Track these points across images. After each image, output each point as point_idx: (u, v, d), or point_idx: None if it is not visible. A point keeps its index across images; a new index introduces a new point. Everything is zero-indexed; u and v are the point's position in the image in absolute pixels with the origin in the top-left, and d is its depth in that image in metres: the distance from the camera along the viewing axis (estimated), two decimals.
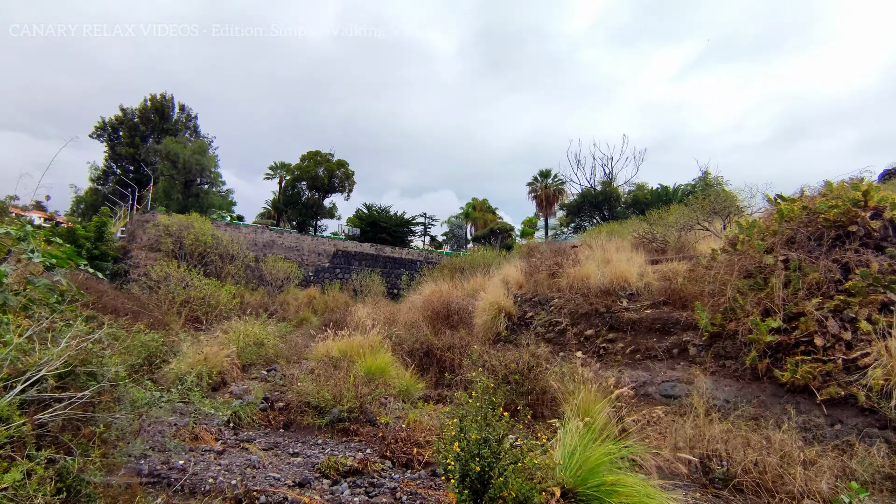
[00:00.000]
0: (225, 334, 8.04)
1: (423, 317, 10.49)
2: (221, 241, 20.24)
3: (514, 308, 9.29)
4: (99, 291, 11.49)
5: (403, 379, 6.75)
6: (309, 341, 11.98)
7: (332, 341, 8.25)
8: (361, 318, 12.85)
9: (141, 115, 43.47)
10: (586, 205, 41.00)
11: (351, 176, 44.73)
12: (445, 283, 13.96)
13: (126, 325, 11.47)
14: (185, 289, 14.48)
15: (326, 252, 24.67)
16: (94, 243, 18.13)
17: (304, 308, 20.41)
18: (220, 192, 43.11)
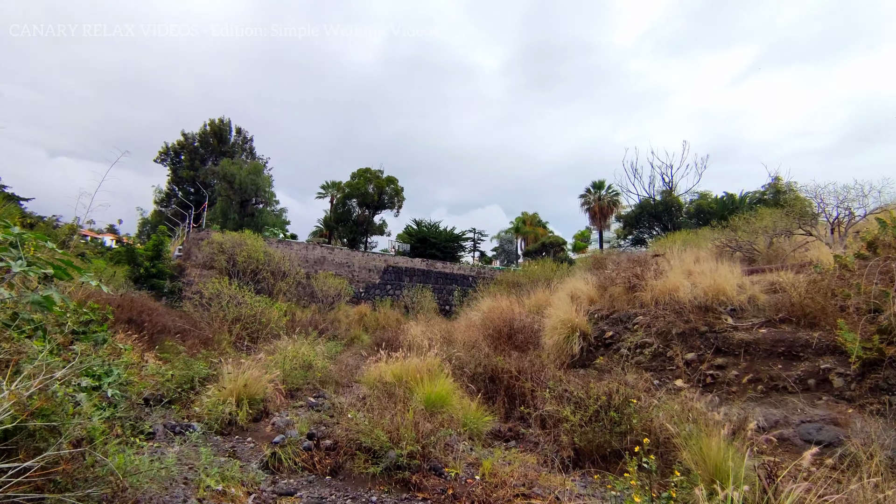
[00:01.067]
0: (270, 356, 7.35)
1: (483, 336, 9.49)
2: (273, 257, 20.09)
3: (589, 327, 8.12)
4: (149, 309, 11.27)
5: (468, 410, 5.76)
6: (360, 362, 11.22)
7: (385, 364, 7.39)
8: (415, 337, 12.00)
9: (201, 140, 45.34)
10: (645, 215, 38.87)
11: (400, 192, 44.57)
12: (504, 298, 12.91)
13: (172, 344, 11.15)
14: (236, 306, 14.17)
15: (377, 268, 24.18)
16: (152, 262, 18.34)
17: (355, 326, 19.85)
18: (275, 212, 44.04)
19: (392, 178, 44.35)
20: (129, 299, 11.08)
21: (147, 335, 10.45)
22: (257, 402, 5.86)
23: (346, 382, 8.29)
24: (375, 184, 42.89)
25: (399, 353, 7.56)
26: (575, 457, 4.62)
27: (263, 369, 6.42)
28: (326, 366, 8.25)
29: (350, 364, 10.29)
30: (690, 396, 5.10)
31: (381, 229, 45.81)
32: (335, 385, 7.67)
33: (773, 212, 13.08)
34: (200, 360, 6.93)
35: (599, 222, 53.80)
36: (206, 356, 7.53)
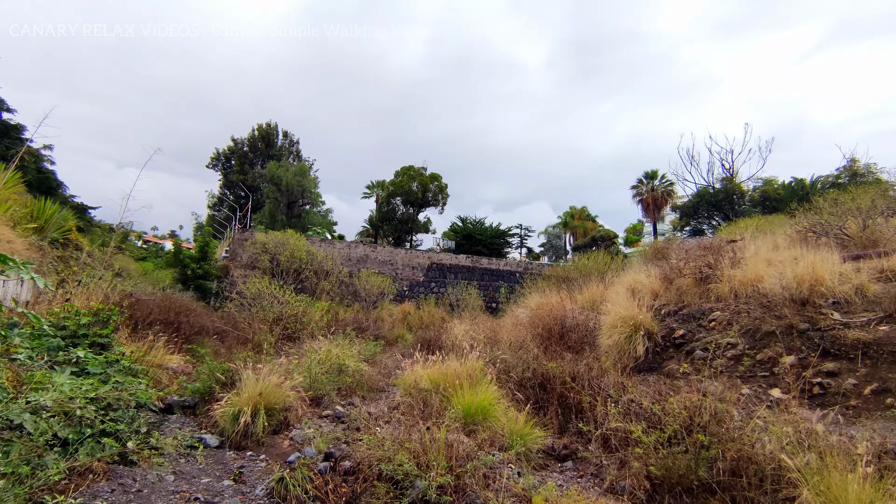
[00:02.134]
0: (296, 360, 6.75)
1: (531, 336, 8.56)
2: (316, 257, 19.86)
3: (654, 324, 7.05)
4: (187, 310, 11.05)
5: (515, 424, 4.90)
6: (399, 364, 10.55)
7: (421, 367, 6.63)
8: (458, 337, 11.20)
9: (250, 144, 46.45)
10: (703, 205, 36.43)
11: (444, 189, 43.94)
12: (553, 294, 11.89)
13: (211, 345, 10.87)
14: (278, 306, 13.87)
15: (421, 265, 23.59)
16: (198, 263, 18.49)
17: (398, 325, 19.32)
18: (321, 213, 44.48)
19: (436, 174, 43.79)
20: (168, 300, 10.89)
21: (183, 336, 10.20)
22: (277, 412, 5.23)
23: (381, 386, 7.60)
24: (419, 181, 42.46)
25: (437, 356, 6.78)
26: (650, 489, 3.67)
27: (286, 374, 5.80)
28: (360, 369, 7.58)
29: (388, 366, 9.62)
30: (797, 412, 4.01)
31: (425, 227, 45.36)
32: (367, 390, 6.98)
33: (871, 188, 11.35)
34: (223, 363, 6.41)
35: (653, 214, 51.44)
36: (233, 359, 7.04)
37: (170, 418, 5.72)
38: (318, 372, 6.42)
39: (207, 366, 6.41)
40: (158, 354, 8.19)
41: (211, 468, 4.19)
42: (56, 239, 13.40)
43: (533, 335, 8.50)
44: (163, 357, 8.19)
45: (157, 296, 11.11)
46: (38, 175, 29.10)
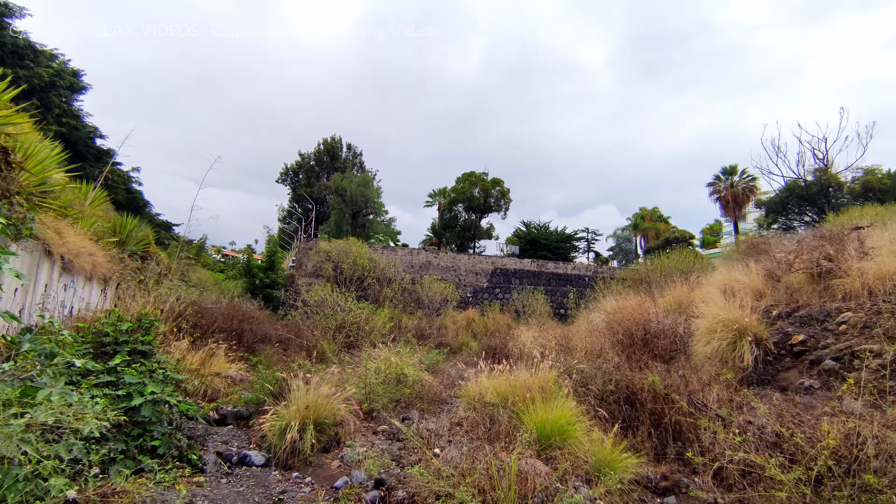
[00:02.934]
0: (350, 370, 6.26)
1: (609, 342, 7.61)
2: (378, 264, 19.71)
3: (762, 328, 5.92)
4: (251, 318, 11.03)
5: (600, 448, 4.08)
6: (463, 373, 9.89)
7: (486, 378, 5.92)
8: (526, 344, 10.39)
9: (315, 158, 47.96)
10: (793, 199, 33.10)
11: (507, 194, 43.08)
12: (631, 297, 10.79)
13: (273, 353, 10.75)
14: (340, 313, 13.70)
15: (484, 271, 22.87)
16: (265, 273, 18.86)
17: (462, 332, 18.69)
18: (384, 222, 45.01)
19: (497, 179, 43.04)
20: (232, 308, 10.92)
21: (245, 345, 10.14)
22: (328, 427, 4.72)
23: (443, 398, 6.96)
24: (481, 187, 41.89)
25: (503, 365, 6.05)
26: None
27: (339, 385, 5.30)
28: (421, 378, 6.99)
29: (451, 375, 8.99)
30: None
31: (488, 233, 44.64)
32: (428, 403, 6.36)
33: None
34: (275, 372, 6.03)
35: (734, 212, 47.84)
36: (286, 367, 6.68)
37: (220, 431, 5.39)
38: (374, 382, 5.88)
39: (260, 375, 6.08)
40: (217, 363, 8.07)
41: (251, 492, 3.71)
42: (135, 252, 13.95)
43: (611, 342, 7.54)
44: (221, 365, 8.06)
45: (222, 304, 11.19)
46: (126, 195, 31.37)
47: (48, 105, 27.21)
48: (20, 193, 7.67)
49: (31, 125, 12.81)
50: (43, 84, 26.23)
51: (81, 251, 10.18)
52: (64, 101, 29.15)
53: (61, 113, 27.92)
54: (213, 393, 7.24)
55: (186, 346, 8.11)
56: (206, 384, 7.26)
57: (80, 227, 11.30)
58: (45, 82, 26.29)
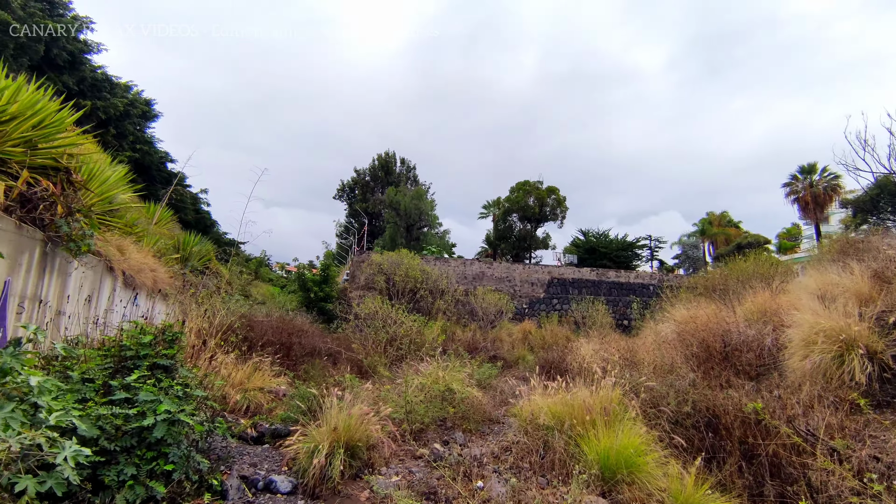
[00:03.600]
0: (388, 386, 5.80)
1: (682, 356, 6.70)
2: (430, 275, 19.36)
3: (875, 339, 4.90)
4: (300, 331, 10.90)
5: (678, 485, 3.34)
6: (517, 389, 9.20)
7: (540, 396, 5.27)
8: (585, 358, 9.56)
9: (371, 173, 48.81)
10: (884, 196, 29.83)
11: (563, 202, 41.84)
12: (704, 305, 9.71)
13: (322, 367, 10.54)
14: (392, 326, 13.40)
15: (540, 281, 21.95)
16: (320, 286, 18.98)
17: (518, 345, 17.89)
18: (438, 234, 44.91)
19: (553, 188, 41.90)
20: (282, 321, 10.84)
21: (293, 358, 9.98)
22: (361, 450, 4.25)
23: (493, 416, 6.34)
24: (535, 195, 40.93)
25: (559, 381, 5.37)
26: None
27: (376, 403, 4.84)
28: (469, 395, 6.41)
29: (503, 391, 8.33)
30: None
31: (544, 243, 43.44)
32: (475, 423, 5.77)
33: None
34: (310, 387, 5.67)
35: (814, 214, 44.06)
36: (322, 382, 6.32)
37: (253, 451, 5.06)
38: (415, 400, 5.37)
39: (297, 391, 5.75)
40: (262, 377, 7.89)
41: None
42: (196, 267, 14.32)
43: (684, 356, 6.64)
44: (266, 379, 7.87)
45: (273, 317, 11.14)
46: (195, 215, 33.08)
47: (123, 133, 29.19)
48: (80, 211, 7.88)
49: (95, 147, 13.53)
50: (118, 113, 28.18)
51: (143, 267, 10.43)
52: (137, 129, 31.23)
53: (135, 140, 29.88)
54: (255, 408, 7.02)
55: (232, 360, 8.00)
56: (248, 399, 7.06)
57: (144, 244, 11.67)
58: (119, 112, 28.24)
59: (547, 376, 10.27)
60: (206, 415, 4.23)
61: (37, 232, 6.71)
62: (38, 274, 6.85)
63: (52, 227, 7.22)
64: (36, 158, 7.53)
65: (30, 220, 6.83)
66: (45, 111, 7.55)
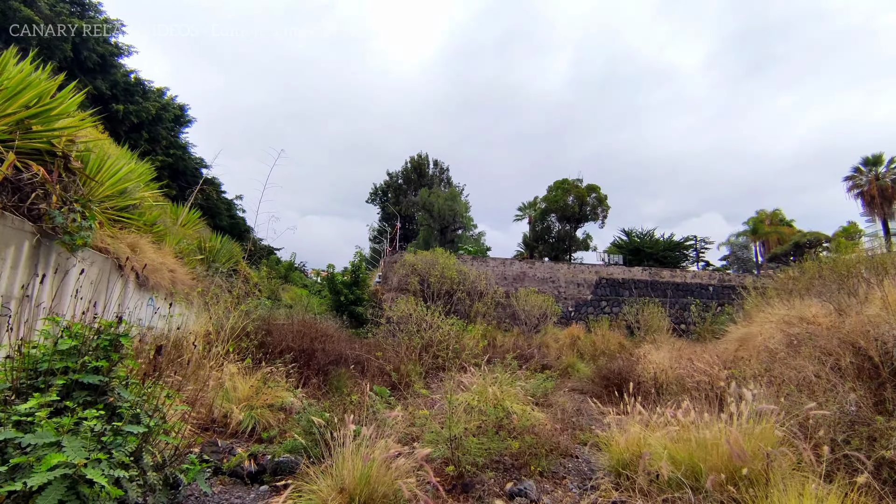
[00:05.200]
0: (424, 411, 4.33)
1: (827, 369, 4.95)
2: (468, 276, 17.86)
3: None
4: (324, 336, 9.58)
5: None
6: (583, 407, 7.55)
7: (637, 426, 3.69)
8: (660, 368, 7.86)
9: (403, 176, 47.81)
10: None
11: (604, 200, 39.62)
12: (814, 304, 7.87)
13: (350, 377, 9.18)
14: (427, 330, 11.98)
15: (587, 282, 20.10)
16: (350, 289, 17.77)
17: (566, 351, 16.15)
18: (473, 236, 43.42)
19: (593, 186, 39.74)
20: (305, 325, 9.55)
21: (316, 367, 8.65)
22: None
23: (566, 448, 4.77)
24: (575, 194, 38.88)
25: (670, 409, 3.76)
26: None
27: (407, 435, 3.37)
28: (532, 419, 4.88)
29: (567, 410, 6.73)
30: None
31: (585, 244, 41.25)
32: (548, 457, 4.20)
33: None
34: (326, 406, 4.25)
35: (881, 208, 40.74)
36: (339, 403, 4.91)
37: (243, 500, 3.67)
38: (461, 432, 3.86)
39: (301, 416, 4.37)
40: (274, 390, 6.57)
41: None
42: (222, 270, 13.28)
43: (829, 368, 4.89)
44: (279, 393, 6.54)
45: (294, 321, 9.88)
46: (230, 220, 32.65)
47: (156, 137, 28.91)
48: (79, 202, 6.78)
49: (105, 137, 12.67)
50: (150, 117, 27.89)
51: (160, 267, 9.37)
52: (171, 134, 31.04)
53: (168, 144, 29.62)
54: (263, 428, 5.70)
55: (242, 370, 6.71)
56: (255, 418, 5.74)
57: (167, 244, 10.70)
58: (152, 115, 27.94)
59: (613, 391, 8.60)
60: (159, 458, 2.85)
61: (25, 223, 5.60)
62: (27, 271, 5.73)
63: (46, 218, 6.13)
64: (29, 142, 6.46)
65: (18, 210, 5.74)
66: (36, 88, 6.48)
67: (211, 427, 5.51)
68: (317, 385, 8.50)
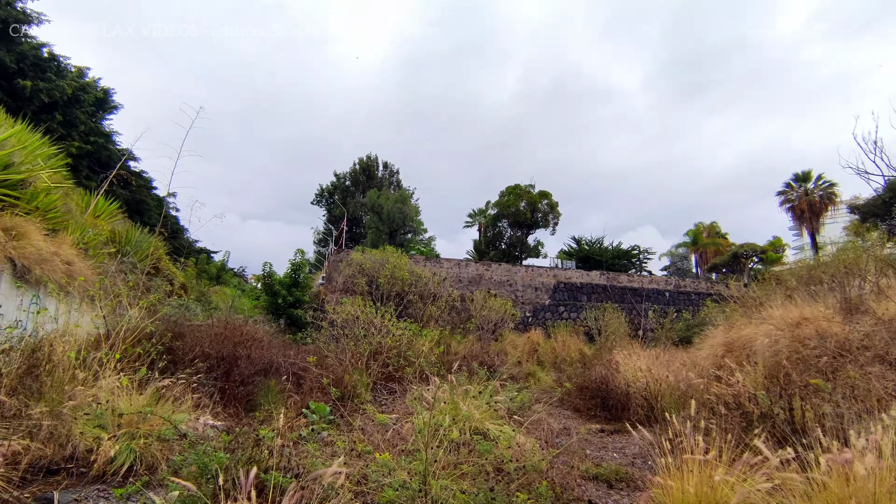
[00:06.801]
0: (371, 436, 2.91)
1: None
2: (421, 277, 16.48)
3: None
4: (250, 341, 7.90)
5: None
6: (570, 426, 6.33)
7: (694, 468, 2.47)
8: (638, 377, 6.82)
9: (351, 178, 45.82)
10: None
11: (556, 207, 39.48)
12: (805, 305, 7.10)
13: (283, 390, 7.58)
14: (377, 335, 10.43)
15: (545, 286, 19.23)
16: (289, 290, 15.92)
17: (526, 358, 15.10)
18: (423, 240, 42.08)
19: (545, 192, 39.52)
20: (226, 328, 7.84)
21: (238, 378, 6.97)
22: None
23: (579, 494, 3.48)
24: (527, 200, 38.45)
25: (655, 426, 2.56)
26: None
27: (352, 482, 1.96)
28: (536, 458, 3.57)
29: (552, 429, 5.47)
30: None
31: (536, 250, 40.87)
32: None
33: None
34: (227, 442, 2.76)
35: (809, 222, 43.14)
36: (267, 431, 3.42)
37: None
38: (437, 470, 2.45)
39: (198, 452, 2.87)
40: (171, 408, 4.92)
41: None
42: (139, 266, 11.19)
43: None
44: (178, 413, 4.89)
45: (214, 323, 8.16)
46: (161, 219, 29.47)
47: (72, 121, 25.62)
48: None
49: None
50: (66, 98, 24.68)
51: (50, 258, 7.40)
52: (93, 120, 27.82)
53: (88, 131, 26.47)
54: (148, 465, 4.07)
55: (129, 384, 4.98)
56: (136, 451, 4.10)
57: (68, 233, 8.79)
58: (67, 96, 24.74)
59: (594, 404, 7.48)
60: None
61: None
62: None
63: None
64: None
65: None
66: None
67: (64, 468, 3.81)
68: (242, 400, 6.85)
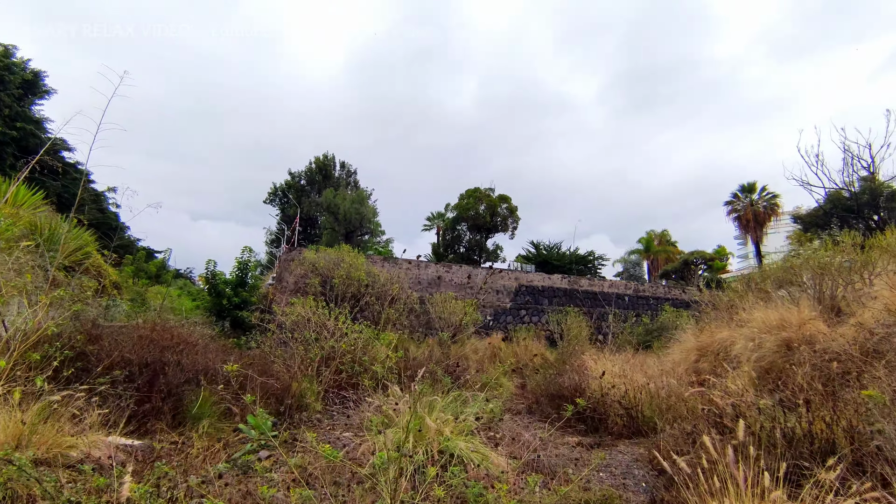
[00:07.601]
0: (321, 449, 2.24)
1: None
2: (378, 279, 15.67)
3: None
4: (185, 344, 6.92)
5: None
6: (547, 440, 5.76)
7: None
8: (611, 383, 6.35)
9: (307, 177, 44.22)
10: (836, 211, 29.86)
11: (515, 211, 39.43)
12: (786, 308, 6.84)
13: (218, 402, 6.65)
14: (330, 339, 9.55)
15: (507, 288, 18.80)
16: (235, 290, 14.74)
17: (488, 364, 14.55)
18: (381, 242, 41.06)
19: (505, 196, 39.45)
20: (153, 330, 6.82)
21: (164, 389, 6.01)
22: None
23: None
24: (487, 203, 38.20)
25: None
26: None
27: None
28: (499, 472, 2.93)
29: (527, 443, 4.86)
30: None
31: (495, 254, 40.68)
32: None
33: None
34: None
35: (754, 232, 45.23)
36: None
37: None
38: None
39: None
40: (67, 431, 3.99)
41: None
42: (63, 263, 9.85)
43: None
44: (79, 439, 3.96)
45: (140, 324, 7.13)
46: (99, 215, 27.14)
47: None
48: None
49: None
50: None
51: None
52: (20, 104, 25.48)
53: (13, 115, 24.19)
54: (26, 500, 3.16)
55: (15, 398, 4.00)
56: (8, 488, 3.19)
57: None
58: None
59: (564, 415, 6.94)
60: None
61: None
62: None
63: None
64: None
65: None
66: None
67: None
68: (168, 413, 5.88)
